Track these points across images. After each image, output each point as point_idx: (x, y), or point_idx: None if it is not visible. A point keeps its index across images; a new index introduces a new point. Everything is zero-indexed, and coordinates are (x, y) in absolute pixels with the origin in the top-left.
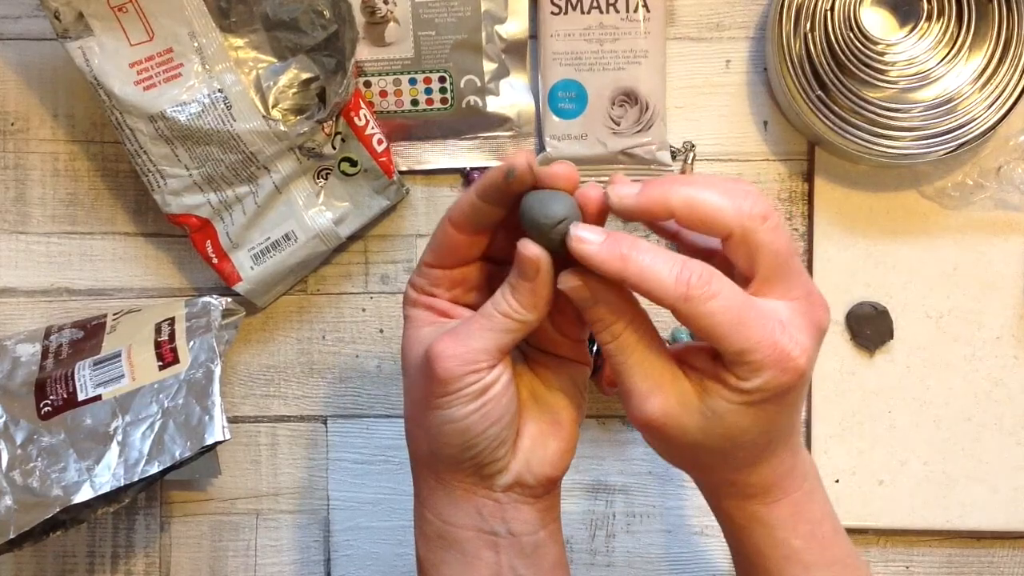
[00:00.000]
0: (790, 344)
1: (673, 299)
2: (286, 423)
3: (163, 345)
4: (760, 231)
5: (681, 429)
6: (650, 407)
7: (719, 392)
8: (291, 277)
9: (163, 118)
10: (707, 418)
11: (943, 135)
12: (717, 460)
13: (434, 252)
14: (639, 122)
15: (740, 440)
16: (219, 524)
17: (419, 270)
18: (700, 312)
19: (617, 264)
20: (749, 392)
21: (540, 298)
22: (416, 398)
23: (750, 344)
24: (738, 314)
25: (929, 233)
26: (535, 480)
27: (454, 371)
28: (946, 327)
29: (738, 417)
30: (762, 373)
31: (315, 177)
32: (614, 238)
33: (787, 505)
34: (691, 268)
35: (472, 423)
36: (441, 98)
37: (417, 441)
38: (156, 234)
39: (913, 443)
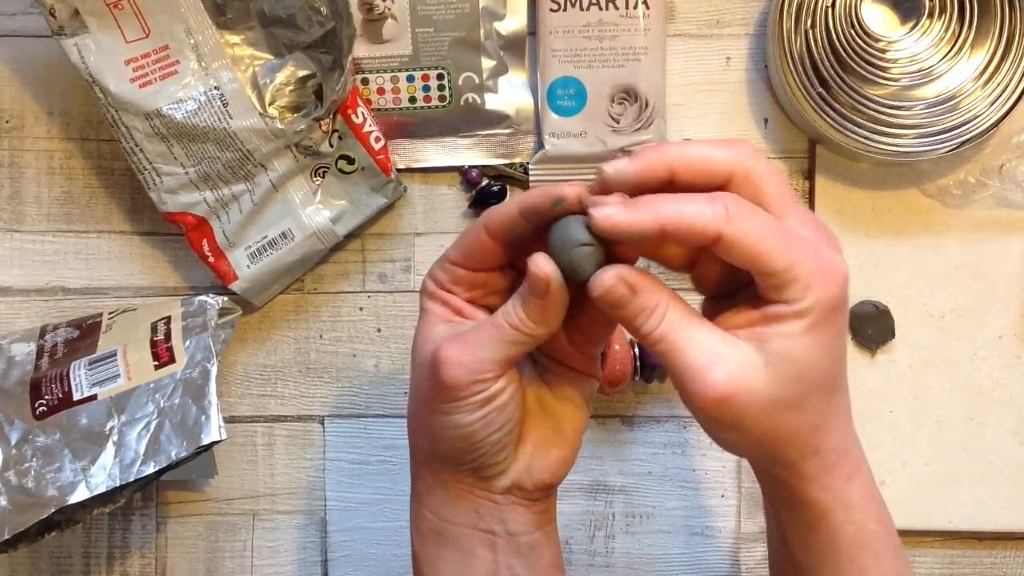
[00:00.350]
0: (828, 253)
1: (717, 224)
2: (283, 423)
3: (159, 344)
4: (760, 165)
5: (752, 392)
6: (714, 378)
7: (776, 330)
8: (288, 276)
9: (159, 116)
10: (774, 366)
11: (945, 133)
12: (793, 420)
13: (461, 252)
14: (639, 119)
15: (812, 378)
16: (215, 525)
17: (442, 265)
18: (745, 231)
19: (651, 217)
20: (805, 313)
21: (550, 314)
22: (420, 398)
23: (795, 258)
24: (778, 230)
25: (931, 232)
26: (533, 485)
27: (460, 379)
28: (948, 326)
29: (804, 350)
30: (812, 288)
31: (312, 175)
32: (633, 201)
33: (862, 481)
34: (720, 196)
35: (475, 430)
36: (439, 95)
37: (418, 438)
38: (152, 232)
39: (915, 443)
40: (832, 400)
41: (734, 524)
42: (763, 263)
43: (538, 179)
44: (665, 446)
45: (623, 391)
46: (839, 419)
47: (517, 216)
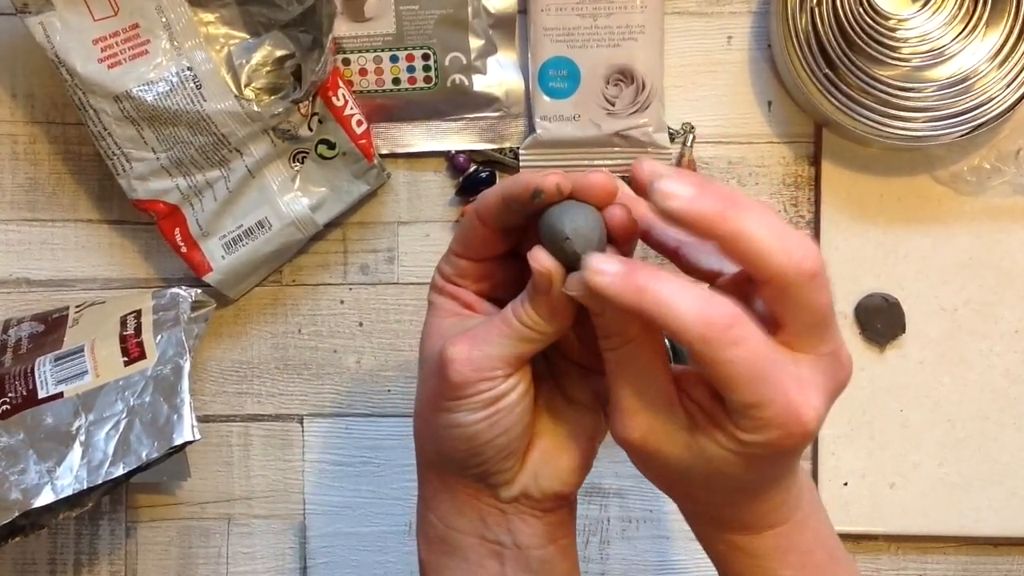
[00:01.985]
0: (804, 406)
1: (690, 339)
2: (259, 422)
3: (129, 339)
4: (805, 288)
5: (662, 457)
6: (633, 426)
7: (713, 435)
8: (265, 267)
9: (129, 98)
10: (693, 454)
11: (958, 116)
12: (697, 493)
13: (461, 242)
14: (635, 102)
15: (724, 484)
16: (188, 530)
17: (447, 258)
18: (718, 358)
19: (633, 297)
20: (745, 445)
21: (559, 310)
22: (426, 395)
23: (762, 399)
24: (758, 366)
25: (943, 220)
26: (541, 495)
27: (467, 376)
28: (961, 320)
29: (726, 464)
30: (766, 431)
31: (291, 161)
32: (632, 268)
33: (773, 537)
34: (716, 306)
35: (479, 431)
36: (424, 77)
37: (423, 439)
38: (121, 221)
39: (926, 443)
40: (749, 496)
41: None
42: (725, 390)
43: (529, 164)
44: None
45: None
46: (758, 503)
47: (501, 204)
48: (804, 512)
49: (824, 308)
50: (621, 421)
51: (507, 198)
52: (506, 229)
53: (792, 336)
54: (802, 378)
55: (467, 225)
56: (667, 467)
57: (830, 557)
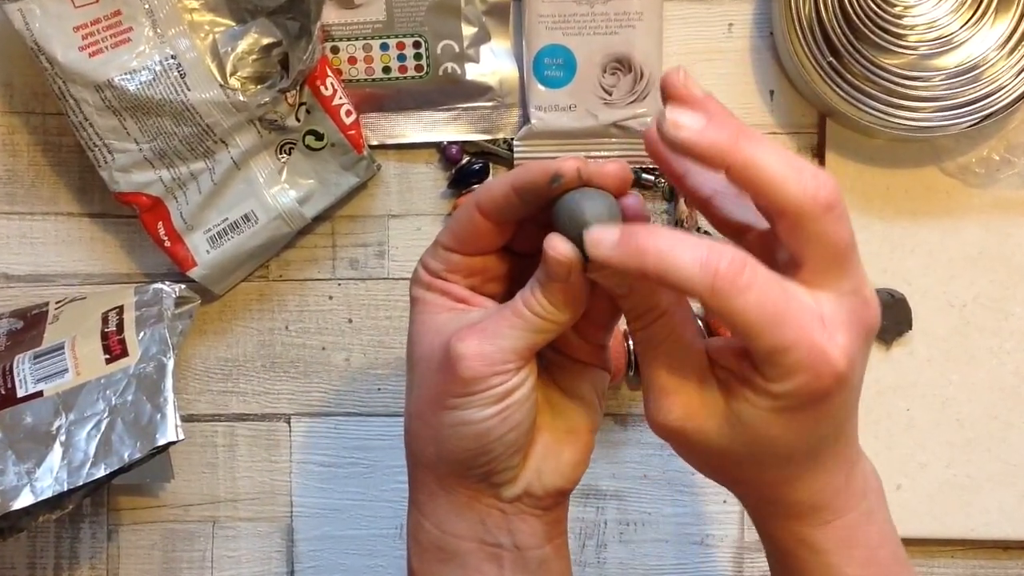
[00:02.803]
0: (829, 345)
1: (699, 291)
2: (245, 422)
3: (110, 336)
4: (822, 220)
5: (703, 434)
6: (668, 406)
7: (745, 396)
8: (251, 262)
9: (110, 87)
10: (731, 424)
11: (967, 106)
12: (750, 472)
13: (454, 235)
14: (633, 92)
15: (771, 451)
16: (172, 533)
17: (434, 251)
18: (730, 307)
19: (635, 261)
20: (777, 397)
21: (574, 297)
22: (428, 394)
23: (784, 343)
24: (773, 309)
25: (951, 213)
26: (544, 491)
27: (479, 371)
28: (970, 316)
29: (766, 425)
30: (794, 377)
31: (277, 152)
32: (629, 232)
33: (840, 528)
34: (719, 254)
35: (490, 427)
36: (416, 65)
37: (421, 441)
38: (103, 215)
39: (934, 444)
40: (806, 465)
41: (736, 532)
42: (745, 339)
43: (523, 156)
44: (662, 447)
45: (616, 387)
46: (819, 475)
47: (511, 193)
48: (870, 505)
49: (842, 241)
50: (658, 403)
51: (520, 186)
52: (507, 222)
53: (811, 274)
54: (825, 317)
55: (463, 218)
56: (710, 447)
57: (894, 558)
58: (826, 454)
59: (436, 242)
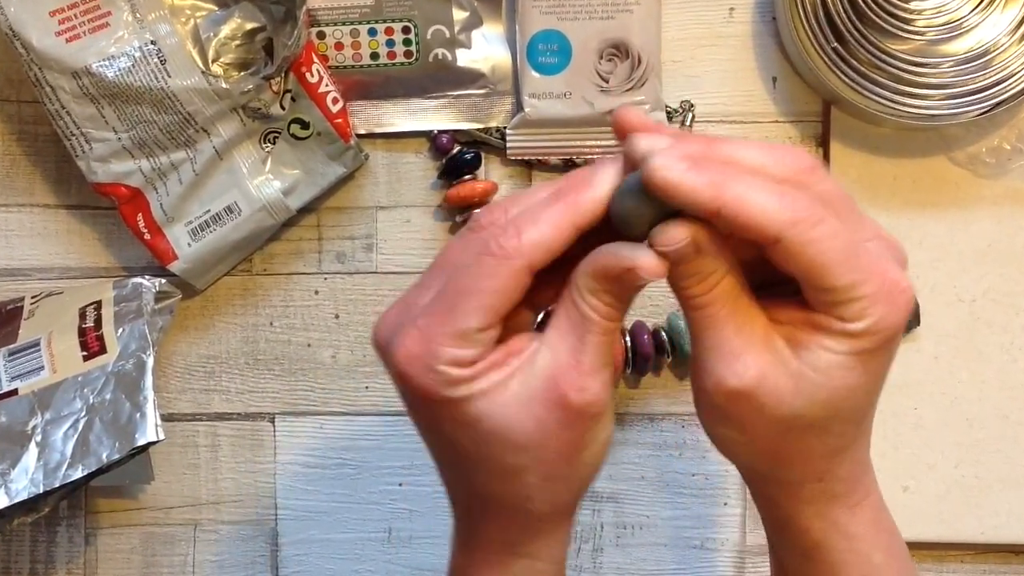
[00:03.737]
0: (896, 272)
1: (780, 226)
2: (228, 421)
3: (88, 333)
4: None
5: (777, 395)
6: (742, 367)
7: (820, 342)
8: (234, 255)
9: (88, 74)
10: (808, 379)
11: (977, 93)
12: (811, 441)
13: (495, 312)
14: (630, 79)
15: (844, 407)
16: (152, 536)
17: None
18: (808, 239)
19: (710, 192)
20: (859, 336)
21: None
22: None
23: (860, 276)
24: (845, 241)
25: (961, 205)
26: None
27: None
28: (980, 312)
29: (845, 373)
30: (873, 311)
31: (261, 141)
32: (702, 161)
33: (869, 510)
34: (790, 191)
35: (609, 437)
36: (405, 51)
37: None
38: (80, 206)
39: (942, 444)
40: (858, 429)
41: (738, 536)
42: (822, 279)
43: (517, 145)
44: (660, 448)
45: (613, 385)
46: (858, 447)
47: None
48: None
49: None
50: (731, 368)
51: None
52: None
53: None
54: (881, 252)
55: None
56: (781, 411)
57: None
58: (869, 417)
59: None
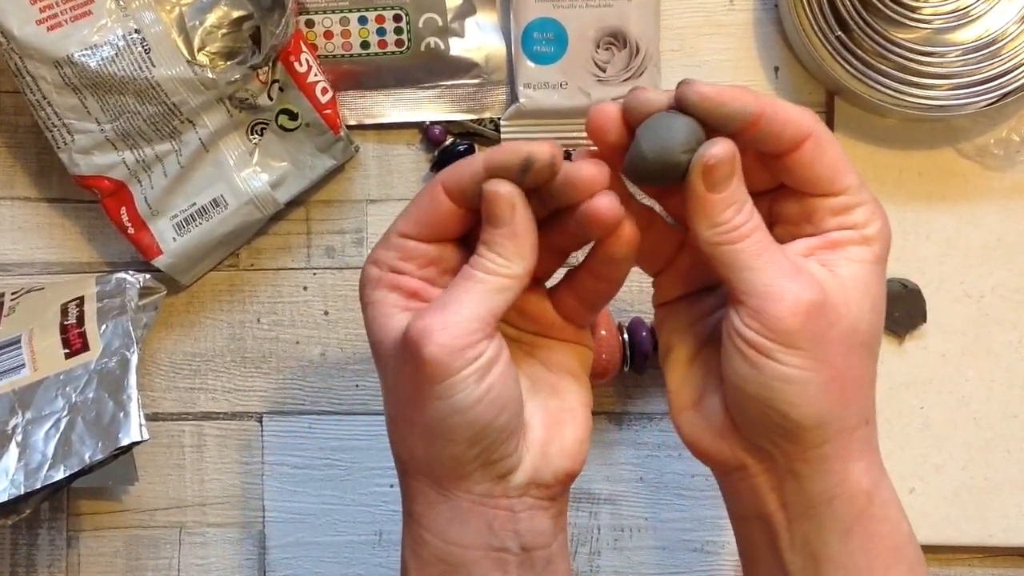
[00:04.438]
0: None
1: (811, 125)
2: (214, 421)
3: (70, 329)
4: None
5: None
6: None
7: (847, 254)
8: (220, 250)
9: (70, 63)
10: (851, 290)
11: (985, 83)
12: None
13: (415, 221)
14: (628, 68)
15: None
16: (136, 539)
17: (387, 242)
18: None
19: (754, 100)
20: (872, 240)
21: (523, 243)
22: (405, 395)
23: (859, 182)
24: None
25: (969, 198)
26: (553, 476)
27: (450, 345)
28: (988, 308)
29: (873, 279)
30: (877, 216)
31: (248, 133)
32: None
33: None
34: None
35: (481, 411)
36: (396, 40)
37: (410, 446)
38: (62, 199)
39: (949, 445)
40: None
41: None
42: (842, 177)
43: (511, 136)
44: (660, 448)
45: (610, 383)
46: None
47: (483, 175)
48: None
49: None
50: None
51: (491, 168)
52: (474, 206)
53: None
54: None
55: (425, 201)
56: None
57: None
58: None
59: (390, 231)
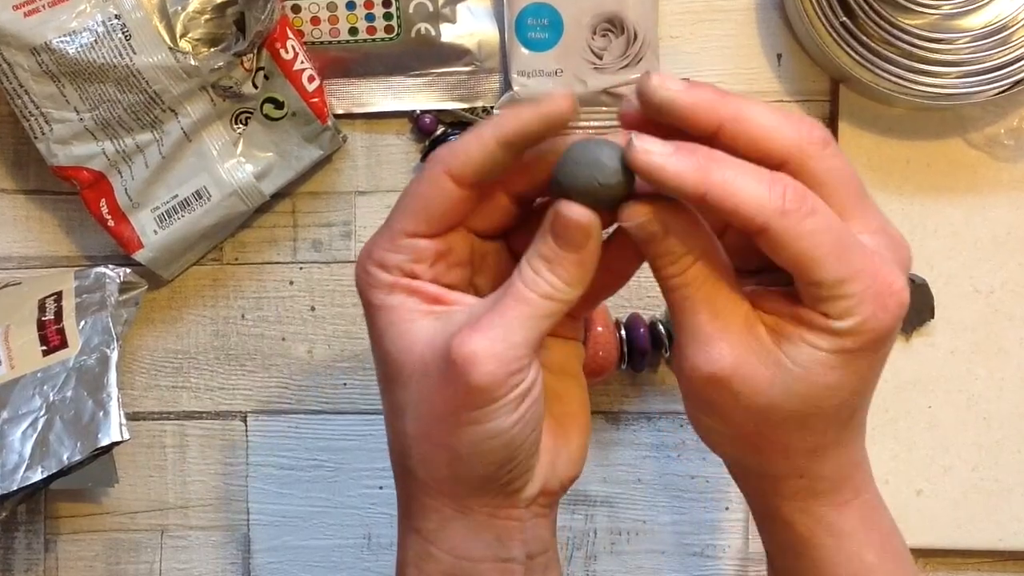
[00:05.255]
0: (891, 273)
1: (768, 215)
2: (197, 420)
3: (48, 326)
4: (824, 156)
5: (752, 386)
6: (717, 353)
7: (804, 337)
8: (203, 243)
9: (48, 50)
10: (784, 373)
11: (995, 71)
12: (790, 435)
13: (421, 216)
14: (626, 55)
15: (824, 405)
16: (116, 543)
17: (391, 243)
18: (797, 231)
19: (695, 176)
20: (842, 335)
21: (588, 270)
22: (435, 413)
23: (850, 272)
24: (838, 235)
25: (978, 190)
26: (559, 484)
27: (497, 376)
28: (998, 304)
29: (826, 371)
30: (860, 310)
31: (232, 122)
32: (687, 147)
33: (859, 507)
34: (783, 179)
35: (516, 434)
36: (386, 26)
37: (432, 465)
38: (39, 191)
39: (958, 445)
40: (844, 429)
41: (740, 542)
42: (810, 272)
43: None
44: (658, 448)
45: (606, 382)
46: (845, 446)
47: (497, 150)
48: (876, 491)
49: (852, 174)
50: (704, 352)
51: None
52: (483, 187)
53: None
54: (879, 249)
55: (429, 192)
56: (757, 402)
57: (904, 546)
58: (858, 418)
59: (392, 229)
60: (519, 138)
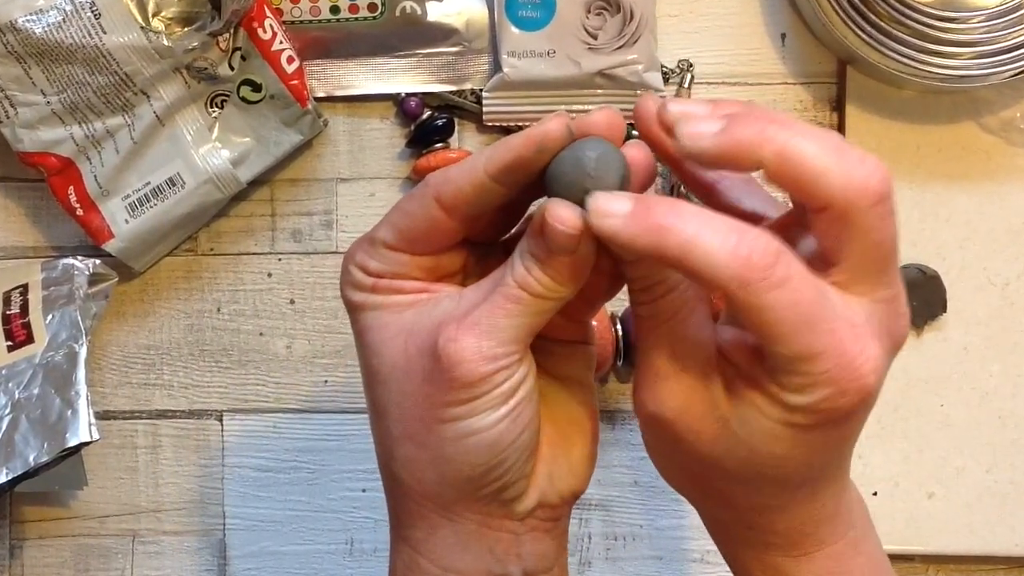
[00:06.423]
0: (860, 356)
1: (725, 281)
2: (171, 419)
3: (13, 320)
4: (869, 215)
5: (694, 435)
6: (664, 395)
7: (754, 401)
8: (177, 233)
9: (13, 30)
10: (730, 431)
11: (1010, 51)
12: (733, 489)
13: (401, 234)
14: (622, 35)
15: (769, 472)
16: (85, 549)
17: (375, 250)
18: (758, 304)
19: (651, 239)
20: (792, 410)
21: (583, 269)
22: (417, 411)
23: (812, 350)
24: (806, 310)
25: (992, 177)
26: (559, 497)
27: (482, 371)
28: (1013, 296)
29: (771, 440)
30: (816, 390)
31: (208, 105)
32: (646, 205)
33: (824, 559)
34: (752, 241)
35: (502, 432)
36: (369, 4)
37: (416, 467)
38: (4, 178)
39: (972, 445)
40: (799, 493)
41: None
42: (767, 341)
43: (494, 110)
44: None
45: (602, 379)
46: (801, 505)
47: (487, 182)
48: (857, 532)
49: (888, 241)
50: (652, 390)
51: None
52: (475, 217)
53: (847, 275)
54: (856, 324)
55: (416, 214)
56: (699, 453)
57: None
58: (823, 483)
59: (375, 239)
60: (511, 169)
